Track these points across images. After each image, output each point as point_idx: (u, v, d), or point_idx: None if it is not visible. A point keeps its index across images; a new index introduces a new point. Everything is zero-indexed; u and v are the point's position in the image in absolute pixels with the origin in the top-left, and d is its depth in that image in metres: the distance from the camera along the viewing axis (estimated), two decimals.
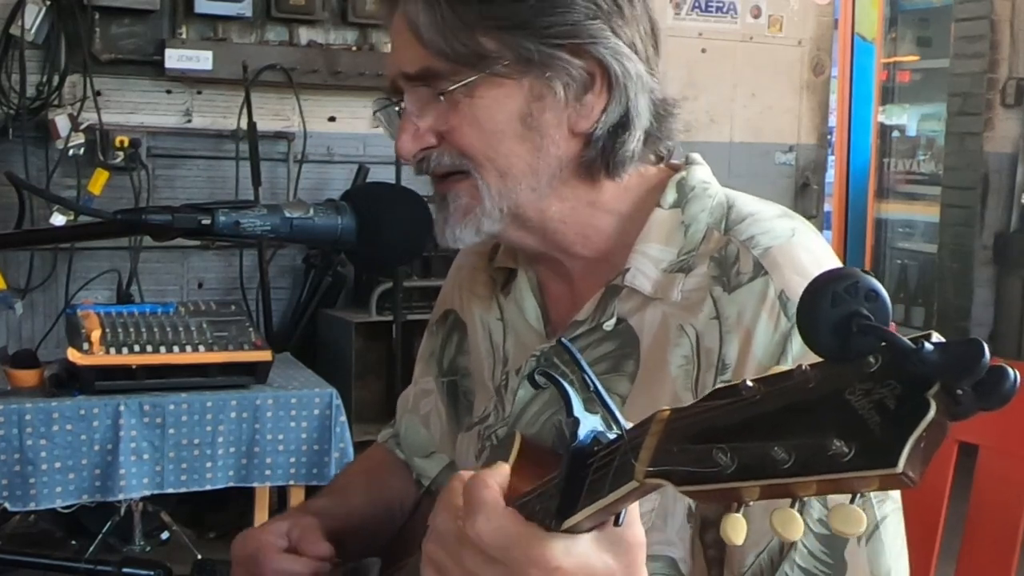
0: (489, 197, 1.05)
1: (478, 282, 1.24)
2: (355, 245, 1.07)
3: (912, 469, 0.54)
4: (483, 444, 1.18)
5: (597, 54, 1.03)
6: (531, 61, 1.02)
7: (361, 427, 3.85)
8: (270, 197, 4.18)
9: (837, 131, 6.15)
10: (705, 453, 0.61)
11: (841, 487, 0.56)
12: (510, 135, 1.04)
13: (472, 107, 1.03)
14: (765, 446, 0.58)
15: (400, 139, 1.06)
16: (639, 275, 1.06)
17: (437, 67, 1.02)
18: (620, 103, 1.04)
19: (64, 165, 3.92)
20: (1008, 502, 1.29)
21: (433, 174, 1.08)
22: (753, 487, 0.59)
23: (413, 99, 1.05)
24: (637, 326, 1.06)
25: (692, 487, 0.62)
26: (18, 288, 3.98)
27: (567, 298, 1.14)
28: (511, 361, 1.18)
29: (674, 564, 1.00)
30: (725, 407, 0.63)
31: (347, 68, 4.25)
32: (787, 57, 5.17)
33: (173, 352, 2.98)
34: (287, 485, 3.16)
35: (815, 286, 0.59)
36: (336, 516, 1.23)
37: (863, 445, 0.54)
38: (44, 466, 2.86)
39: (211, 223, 1.00)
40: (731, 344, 0.99)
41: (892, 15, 6.22)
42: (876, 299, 0.58)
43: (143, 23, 4.07)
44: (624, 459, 0.70)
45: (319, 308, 4.29)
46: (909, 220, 6.16)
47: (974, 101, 5.35)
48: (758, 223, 1.05)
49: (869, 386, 0.55)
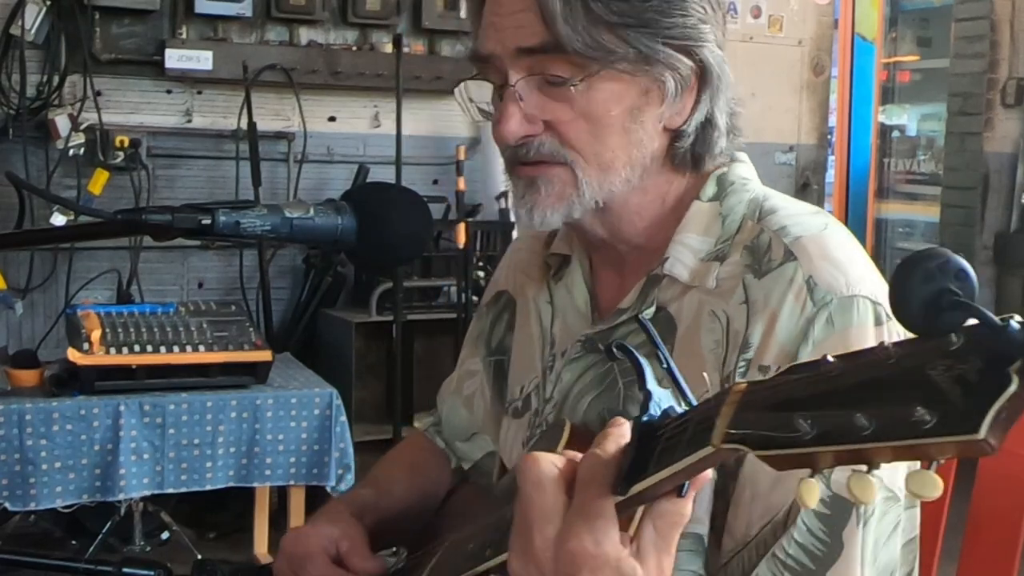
0: (588, 189, 1.06)
1: (533, 265, 1.26)
2: (355, 245, 1.06)
3: (993, 437, 0.56)
4: (532, 432, 1.19)
5: (702, 55, 1.06)
6: (650, 59, 1.04)
7: (361, 427, 3.85)
8: (270, 197, 4.18)
9: (837, 131, 6.15)
10: (785, 419, 0.63)
11: (917, 453, 0.58)
12: (618, 129, 1.05)
13: (588, 100, 1.03)
14: (847, 414, 0.60)
15: (506, 122, 1.05)
16: (677, 264, 1.09)
17: (562, 55, 1.02)
18: (709, 101, 1.08)
19: (64, 165, 3.92)
20: (1010, 502, 1.29)
21: (525, 160, 1.07)
22: (829, 452, 0.61)
23: (523, 82, 1.04)
24: (676, 313, 1.08)
25: (770, 451, 0.64)
26: (18, 288, 3.98)
27: (616, 285, 1.16)
28: (557, 344, 1.19)
29: (700, 540, 1.02)
30: (804, 380, 0.65)
31: (347, 68, 4.25)
32: (787, 57, 5.18)
33: (173, 352, 2.98)
34: (287, 485, 3.16)
35: (907, 263, 0.61)
36: (380, 509, 1.26)
37: (945, 413, 0.56)
38: (44, 466, 2.86)
39: (211, 223, 0.99)
40: (756, 325, 1.01)
41: (892, 15, 6.22)
42: (966, 278, 0.60)
43: (143, 23, 4.07)
44: (700, 427, 0.71)
45: (319, 308, 4.30)
46: (909, 220, 6.16)
47: (974, 101, 5.35)
48: (790, 216, 1.07)
49: (950, 362, 0.58)
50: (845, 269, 1.01)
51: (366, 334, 4.18)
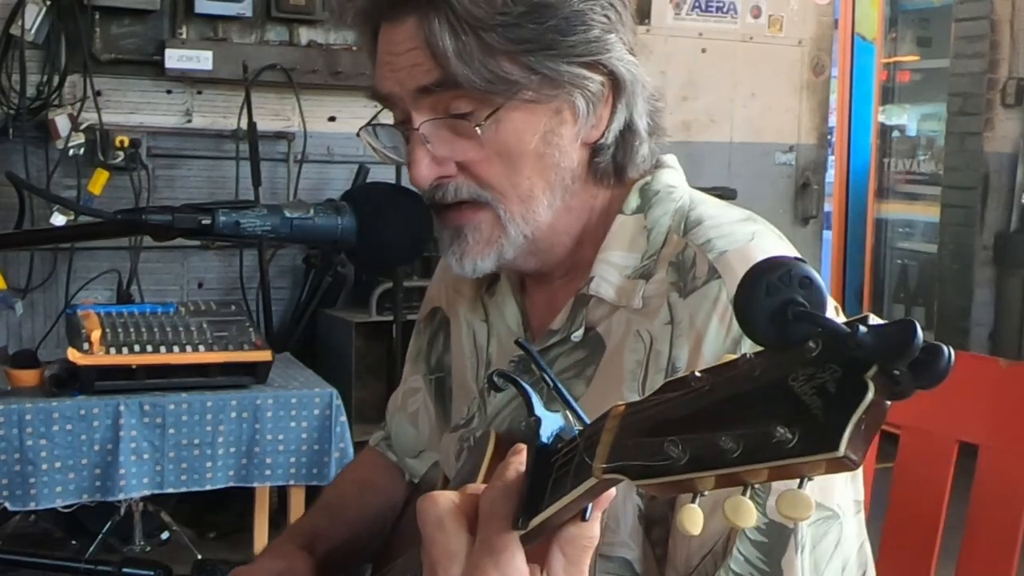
0: (513, 225, 1.03)
1: (464, 282, 1.22)
2: (355, 245, 1.06)
3: (854, 452, 0.54)
4: (462, 446, 1.18)
5: (611, 66, 1.02)
6: (556, 82, 1.00)
7: (361, 427, 3.84)
8: (270, 197, 4.18)
9: (837, 131, 6.15)
10: (658, 446, 0.61)
11: (790, 473, 0.56)
12: (532, 157, 1.02)
13: (497, 135, 1.00)
14: (713, 436, 0.58)
15: (417, 168, 1.01)
16: (603, 283, 1.06)
17: (460, 95, 0.99)
18: (625, 108, 1.05)
19: (64, 165, 3.92)
20: (1008, 502, 1.29)
21: (444, 203, 1.04)
22: (706, 477, 0.60)
23: (428, 125, 1.00)
24: (604, 333, 1.06)
25: (647, 480, 0.62)
26: (18, 288, 3.97)
27: (547, 303, 1.14)
28: (493, 364, 1.17)
29: (628, 565, 1.00)
30: (676, 399, 0.63)
31: (347, 68, 4.25)
32: (787, 57, 5.17)
33: (173, 352, 2.98)
34: (287, 485, 3.16)
35: (749, 277, 0.60)
36: (332, 537, 1.24)
37: (805, 430, 0.55)
38: (44, 466, 2.86)
39: (211, 223, 1.00)
40: (682, 348, 0.99)
41: (892, 15, 6.22)
42: (810, 286, 0.58)
43: (143, 23, 4.07)
44: (584, 454, 0.70)
45: (319, 308, 4.29)
46: (909, 220, 6.16)
47: (974, 101, 5.35)
48: (717, 227, 1.04)
49: (811, 371, 0.56)
50: None
51: (366, 334, 4.18)
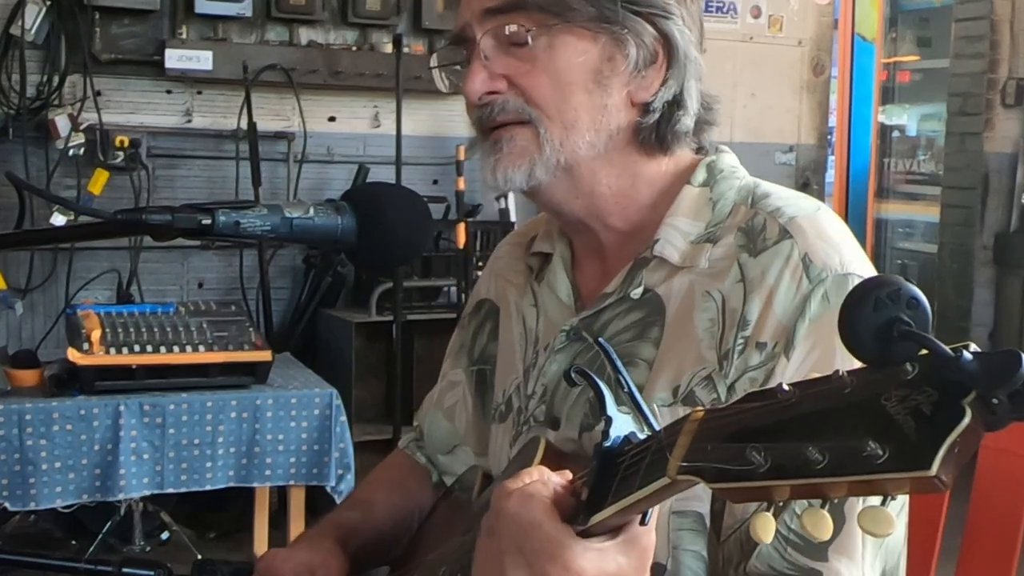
0: (550, 146, 1.07)
1: (515, 270, 1.27)
2: (355, 245, 1.06)
3: (945, 473, 0.54)
4: (518, 430, 1.18)
5: (667, 29, 1.08)
6: (611, 21, 1.06)
7: (361, 427, 3.85)
8: (270, 197, 4.18)
9: (837, 131, 6.15)
10: (739, 451, 0.61)
11: (873, 489, 0.57)
12: (581, 88, 1.07)
13: (550, 55, 1.06)
14: (800, 446, 0.58)
15: (471, 79, 1.07)
16: (668, 246, 1.09)
17: (523, 12, 1.05)
18: (677, 81, 1.09)
19: (64, 165, 3.92)
20: (1009, 502, 1.29)
21: (491, 122, 1.09)
22: (785, 486, 0.60)
23: (488, 41, 1.07)
24: (664, 294, 1.08)
25: (724, 484, 0.63)
26: (18, 288, 3.98)
27: (599, 273, 1.16)
28: (541, 340, 1.19)
29: (700, 519, 1.02)
30: (760, 408, 0.63)
31: (347, 68, 4.25)
32: (787, 57, 5.17)
33: (173, 352, 2.98)
34: (287, 485, 3.16)
35: (858, 291, 0.60)
36: (361, 532, 1.26)
37: (898, 448, 0.55)
38: (44, 466, 2.86)
39: (211, 223, 0.99)
40: (753, 303, 1.01)
41: (892, 15, 6.22)
42: (917, 306, 0.59)
43: (143, 23, 4.07)
44: (656, 456, 0.70)
45: (319, 308, 4.30)
46: (909, 220, 6.16)
47: (974, 101, 5.35)
48: (784, 199, 1.09)
49: (905, 392, 0.56)
50: (839, 248, 1.02)
51: (366, 334, 4.18)
